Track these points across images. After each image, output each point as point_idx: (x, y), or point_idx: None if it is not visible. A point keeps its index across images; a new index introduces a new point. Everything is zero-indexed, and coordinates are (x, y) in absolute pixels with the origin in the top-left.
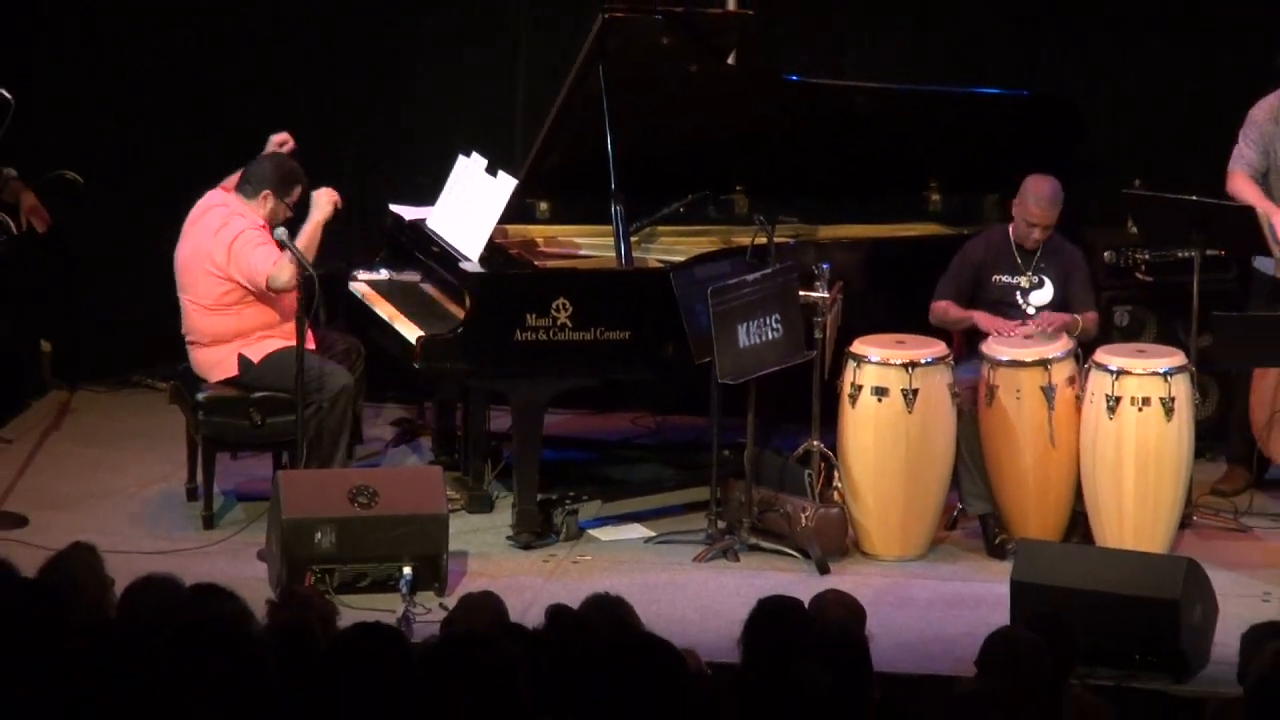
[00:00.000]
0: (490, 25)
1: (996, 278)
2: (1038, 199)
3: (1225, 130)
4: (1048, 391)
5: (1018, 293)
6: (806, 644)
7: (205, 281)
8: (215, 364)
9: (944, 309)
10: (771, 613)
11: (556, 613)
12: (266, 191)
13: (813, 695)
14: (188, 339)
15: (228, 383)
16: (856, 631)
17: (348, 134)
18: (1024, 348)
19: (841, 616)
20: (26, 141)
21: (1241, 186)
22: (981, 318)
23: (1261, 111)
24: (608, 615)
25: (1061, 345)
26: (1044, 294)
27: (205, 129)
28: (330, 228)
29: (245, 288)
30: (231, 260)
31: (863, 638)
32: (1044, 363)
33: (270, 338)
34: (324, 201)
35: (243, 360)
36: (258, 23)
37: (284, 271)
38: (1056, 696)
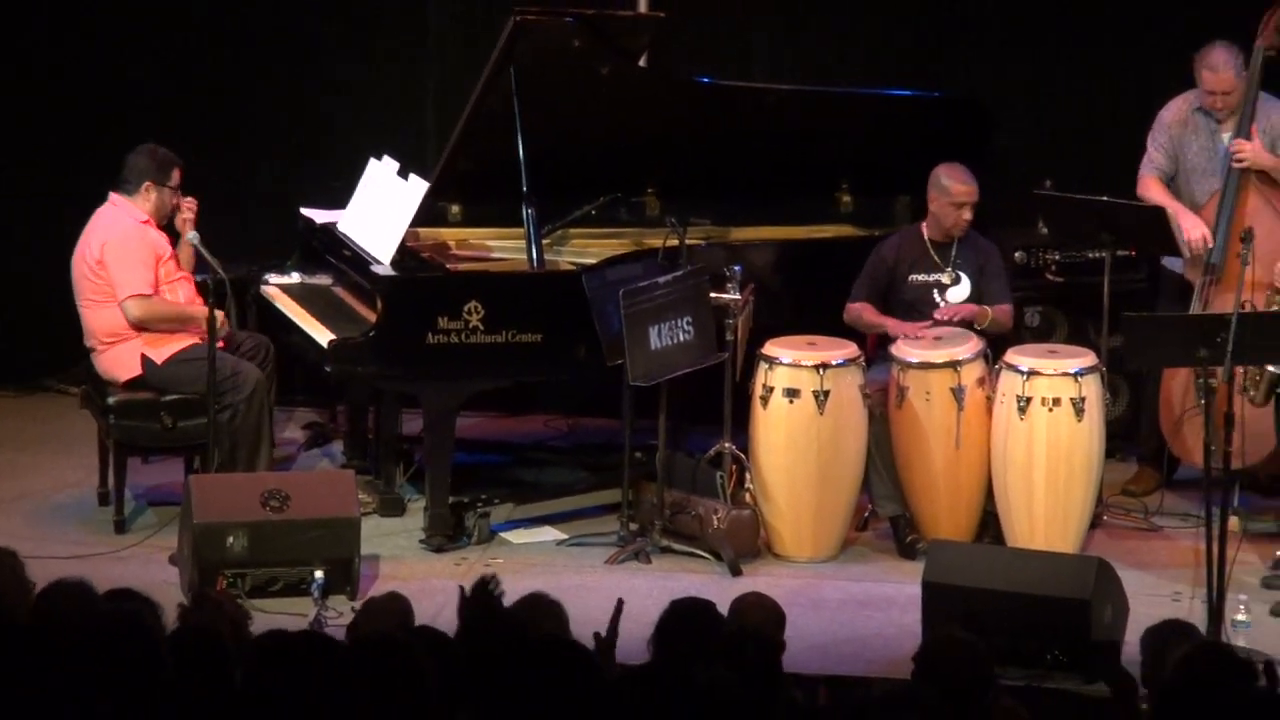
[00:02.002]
0: (401, 29)
1: (913, 277)
2: (958, 177)
3: (1135, 131)
4: (957, 393)
5: (935, 290)
6: (717, 646)
7: (89, 279)
8: (118, 364)
9: (859, 311)
10: (683, 614)
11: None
12: (147, 183)
13: (720, 697)
14: (89, 346)
15: (136, 384)
16: (769, 633)
17: (259, 138)
18: (933, 349)
19: (761, 619)
20: None
21: (1152, 191)
22: (892, 324)
23: (1169, 113)
24: (535, 616)
25: (971, 347)
26: (961, 290)
27: (114, 134)
28: (241, 232)
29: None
30: (104, 258)
31: (776, 639)
32: (953, 364)
33: (174, 339)
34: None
35: (146, 361)
36: (168, 28)
37: (136, 309)
38: (987, 699)
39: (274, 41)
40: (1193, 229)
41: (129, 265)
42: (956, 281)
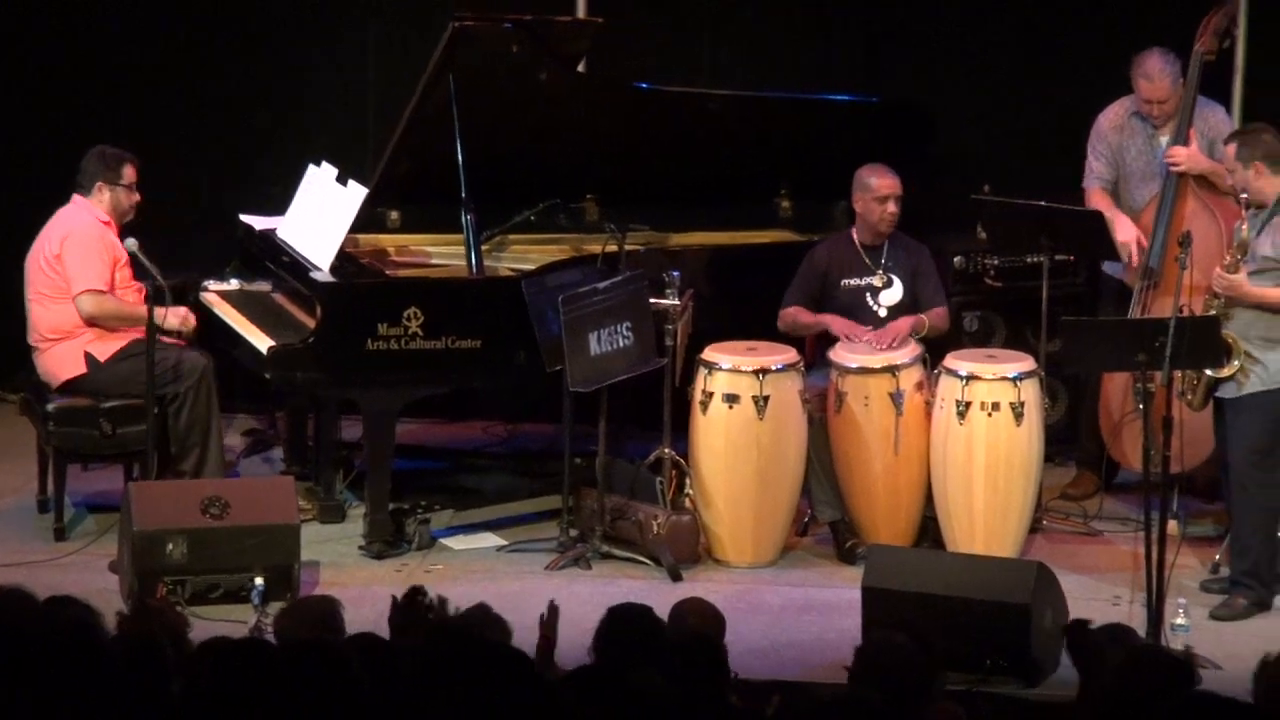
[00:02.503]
0: (339, 34)
1: (845, 281)
2: (879, 173)
3: (1074, 135)
4: (895, 398)
5: (868, 294)
6: (661, 651)
7: (44, 273)
8: (61, 362)
9: (794, 315)
10: (622, 620)
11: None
12: (99, 184)
13: (657, 703)
14: (32, 344)
15: (76, 385)
16: (712, 638)
17: (197, 145)
18: (871, 354)
19: (701, 624)
20: None
21: (1098, 203)
22: (834, 321)
23: (1107, 120)
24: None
25: (909, 352)
26: (894, 293)
27: (55, 139)
28: (180, 237)
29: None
30: (62, 253)
31: (719, 644)
32: (891, 369)
33: (117, 336)
34: (174, 321)
35: (90, 358)
36: (107, 33)
37: (90, 304)
38: (924, 703)
39: (212, 48)
40: (1123, 234)
41: (86, 261)
42: (889, 284)
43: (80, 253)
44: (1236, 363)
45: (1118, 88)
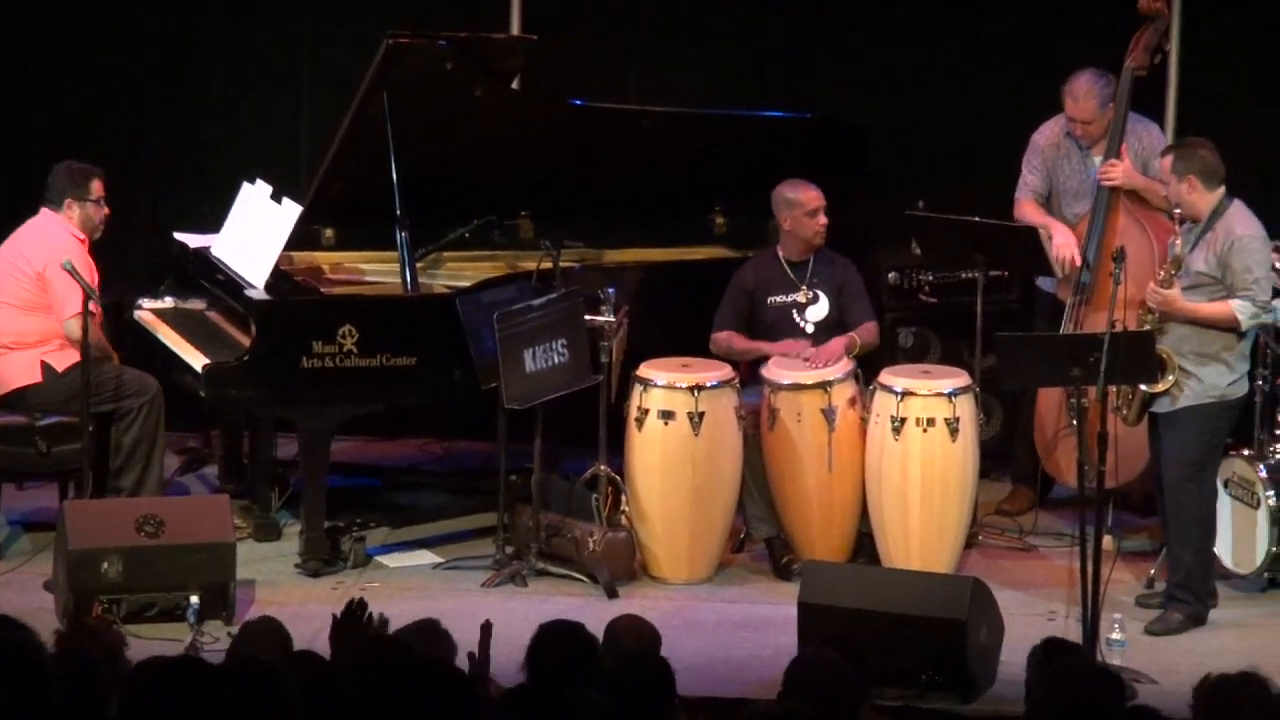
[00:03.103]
0: (273, 51)
1: (771, 299)
2: (803, 186)
3: (1008, 152)
4: (828, 414)
5: (794, 311)
6: (595, 668)
7: (18, 281)
8: (16, 370)
9: (727, 340)
10: (553, 637)
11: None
12: (68, 200)
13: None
14: None
15: (25, 395)
16: (659, 657)
17: (131, 163)
18: (804, 370)
19: (635, 641)
20: None
21: (1028, 213)
22: (770, 348)
23: (1042, 136)
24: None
25: (842, 368)
26: (820, 309)
27: None
28: (115, 255)
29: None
30: (47, 274)
31: (664, 661)
32: (824, 385)
33: (75, 349)
34: None
35: (46, 368)
36: (42, 49)
37: (78, 329)
38: (855, 716)
39: (146, 65)
40: (1062, 246)
41: (75, 282)
42: (815, 300)
43: (68, 280)
44: (1171, 377)
45: (1052, 105)
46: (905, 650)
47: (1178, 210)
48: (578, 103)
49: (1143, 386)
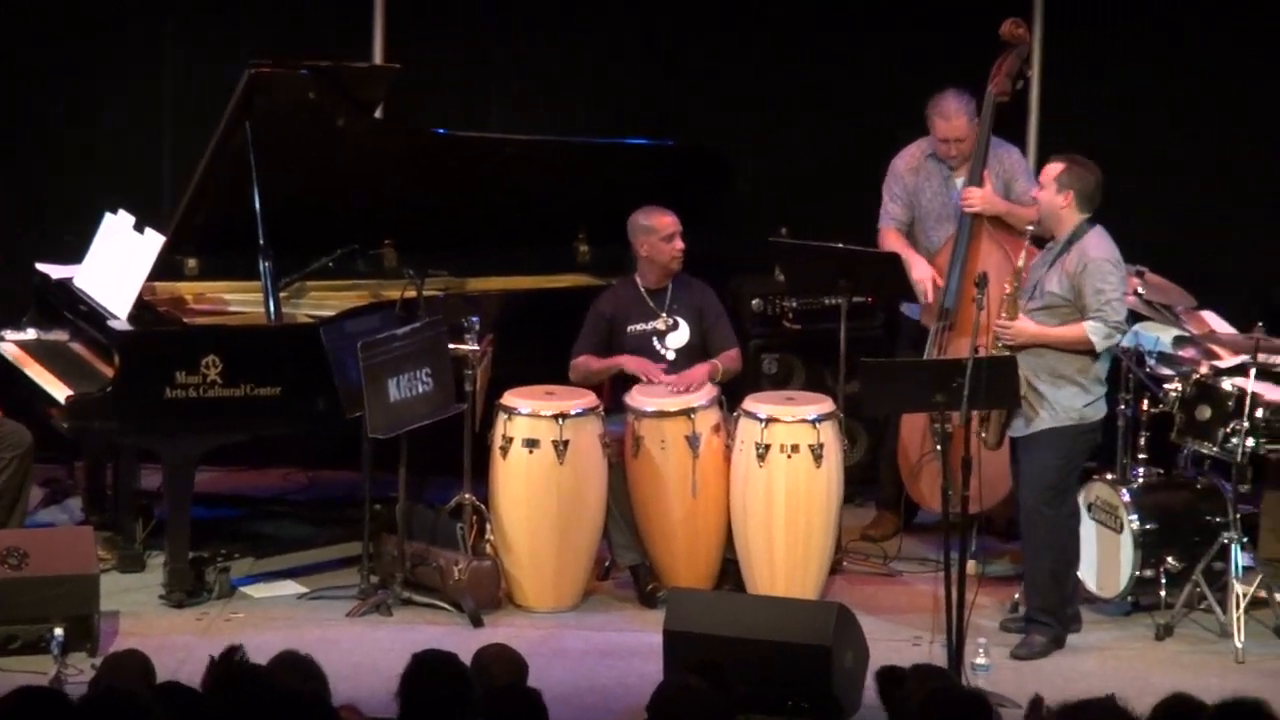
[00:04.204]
0: (135, 81)
1: (631, 327)
2: (657, 212)
3: (869, 178)
4: (692, 441)
5: (654, 338)
6: (479, 699)
7: None
8: None
9: (585, 363)
10: (428, 667)
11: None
12: None
13: None
14: None
15: None
16: (530, 689)
17: None
18: (668, 397)
19: (504, 671)
20: None
21: (892, 243)
22: (626, 361)
23: (903, 161)
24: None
25: (705, 394)
26: (680, 335)
27: None
28: None
29: None
30: None
31: (536, 692)
32: (688, 412)
33: None
34: None
35: None
36: None
37: None
38: None
39: (4, 94)
40: (921, 280)
41: None
42: (674, 327)
43: None
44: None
45: (912, 130)
46: (771, 677)
47: (1031, 227)
48: (441, 131)
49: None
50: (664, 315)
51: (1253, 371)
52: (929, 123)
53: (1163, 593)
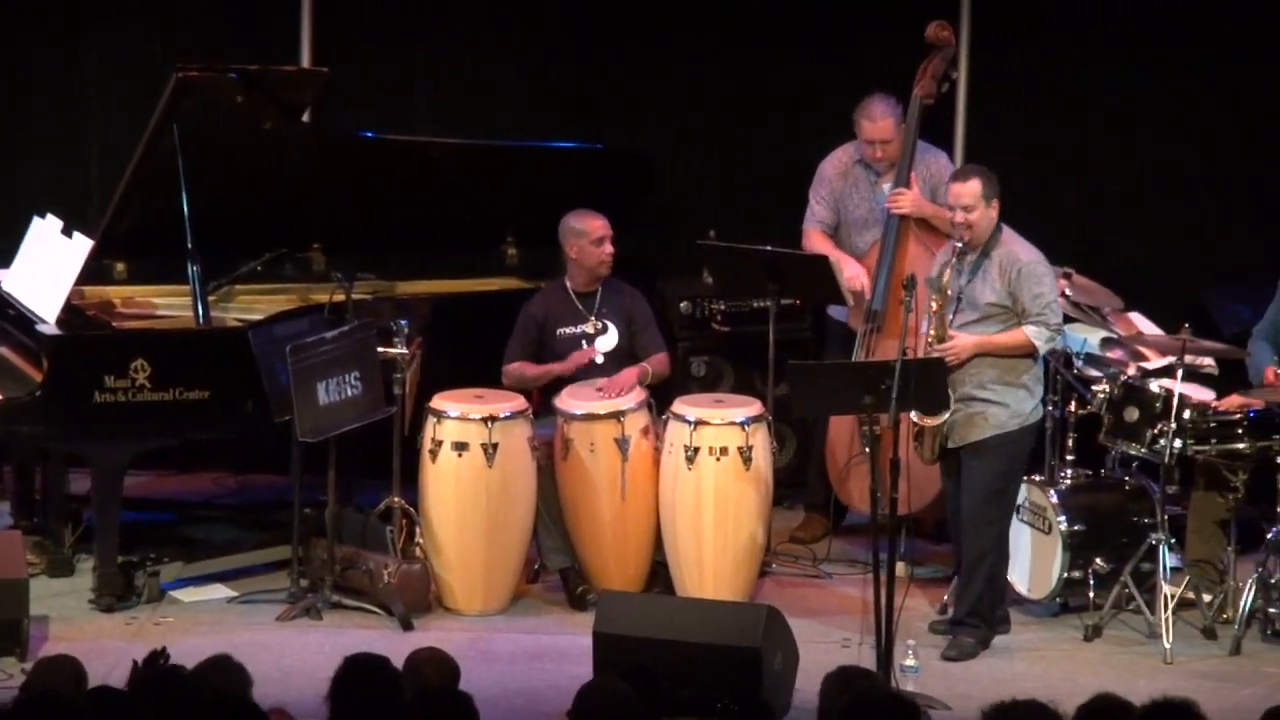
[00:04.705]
0: (60, 84)
1: (560, 331)
2: (588, 216)
3: (797, 181)
4: (621, 443)
5: (584, 341)
6: (410, 702)
7: None
8: None
9: (518, 370)
10: (358, 669)
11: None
12: None
13: None
14: None
15: None
16: (461, 692)
17: None
18: (597, 400)
19: (436, 674)
20: None
21: (815, 244)
22: (559, 367)
23: (830, 166)
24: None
25: (635, 397)
26: (609, 339)
27: None
28: None
29: None
30: None
31: (468, 697)
32: (617, 415)
33: None
34: None
35: None
36: None
37: None
38: None
39: None
40: (852, 278)
41: None
42: (603, 330)
43: None
44: (945, 414)
45: (839, 133)
46: (700, 679)
47: (965, 239)
48: (368, 135)
49: (915, 418)
50: (593, 319)
51: (1180, 373)
52: (855, 126)
53: (1091, 594)
